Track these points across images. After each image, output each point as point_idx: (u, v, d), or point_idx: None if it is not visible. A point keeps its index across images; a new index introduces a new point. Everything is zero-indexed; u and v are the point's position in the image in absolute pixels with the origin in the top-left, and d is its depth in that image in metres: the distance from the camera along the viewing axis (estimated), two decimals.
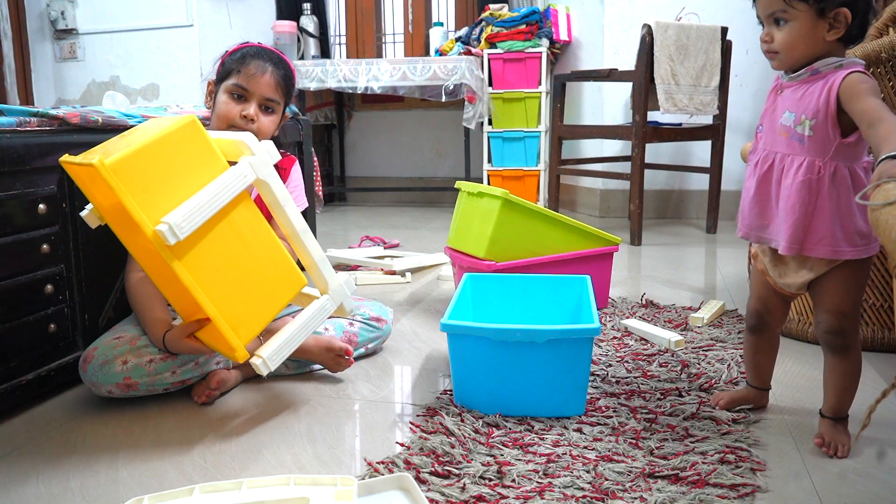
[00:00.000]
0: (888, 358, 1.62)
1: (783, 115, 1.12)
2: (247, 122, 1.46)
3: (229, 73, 1.48)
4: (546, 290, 1.61)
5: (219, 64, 1.53)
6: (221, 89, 1.49)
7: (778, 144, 1.13)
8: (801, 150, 1.11)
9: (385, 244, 3.00)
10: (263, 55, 1.50)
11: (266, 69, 1.48)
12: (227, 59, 1.51)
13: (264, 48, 1.52)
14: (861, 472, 1.11)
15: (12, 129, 1.36)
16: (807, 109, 1.09)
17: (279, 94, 1.51)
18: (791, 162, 1.11)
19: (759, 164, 1.16)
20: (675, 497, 1.03)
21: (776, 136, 1.14)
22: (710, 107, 2.99)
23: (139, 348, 1.35)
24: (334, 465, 1.17)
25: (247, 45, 1.52)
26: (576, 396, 1.31)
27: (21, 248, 1.35)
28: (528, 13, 3.63)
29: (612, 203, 3.72)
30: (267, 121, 1.50)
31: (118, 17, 4.06)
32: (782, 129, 1.12)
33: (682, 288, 2.28)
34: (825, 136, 1.08)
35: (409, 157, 4.59)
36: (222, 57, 1.53)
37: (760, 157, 1.16)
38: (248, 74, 1.46)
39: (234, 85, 1.46)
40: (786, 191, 1.12)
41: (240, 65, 1.47)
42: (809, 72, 1.10)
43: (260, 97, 1.48)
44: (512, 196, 1.83)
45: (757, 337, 1.29)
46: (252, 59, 1.47)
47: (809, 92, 1.09)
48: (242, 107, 1.47)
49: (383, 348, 1.71)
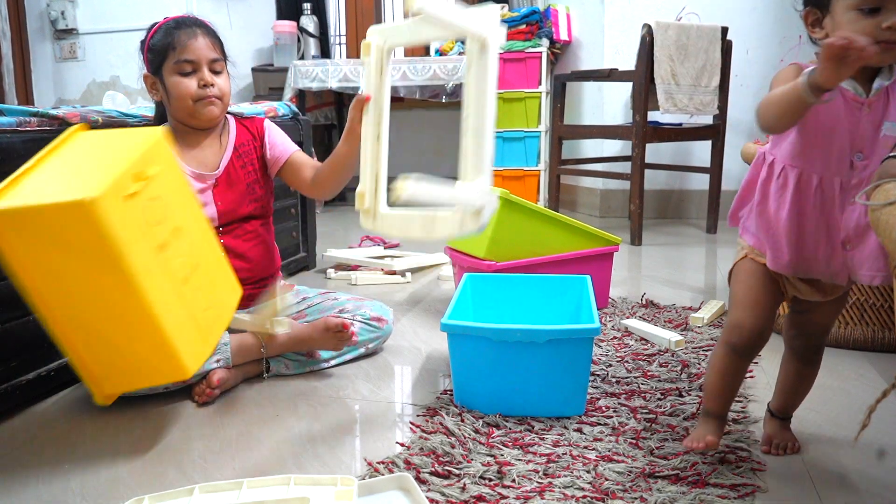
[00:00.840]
0: (888, 358, 1.62)
1: (885, 126, 0.98)
2: (207, 89, 1.48)
3: (164, 55, 1.47)
4: (546, 290, 1.60)
5: (143, 55, 1.51)
6: (166, 73, 1.48)
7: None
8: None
9: (385, 244, 3.00)
10: (184, 23, 1.49)
11: (196, 32, 1.48)
12: (152, 45, 1.49)
13: (176, 18, 1.51)
14: (861, 472, 1.11)
15: (12, 129, 1.36)
16: None
17: (219, 52, 1.52)
18: None
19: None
20: (675, 497, 1.03)
21: (882, 153, 0.96)
22: (711, 107, 2.99)
23: None
24: (334, 465, 1.17)
25: (158, 24, 1.51)
26: (576, 396, 1.31)
27: None
28: (528, 13, 3.63)
29: (612, 203, 3.72)
30: (222, 81, 1.52)
31: (118, 17, 4.06)
32: (886, 141, 0.98)
33: (682, 288, 2.28)
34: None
35: (409, 157, 4.59)
36: (144, 49, 1.51)
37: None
38: (183, 45, 1.46)
39: (178, 62, 1.46)
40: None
41: (170, 41, 1.46)
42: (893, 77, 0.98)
43: (206, 61, 1.48)
44: (512, 196, 1.83)
45: (745, 360, 1.11)
46: (177, 31, 1.47)
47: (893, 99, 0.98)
48: (196, 78, 1.47)
49: (384, 348, 1.71)
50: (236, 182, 1.58)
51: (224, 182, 1.56)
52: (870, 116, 0.98)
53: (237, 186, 1.58)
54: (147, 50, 1.50)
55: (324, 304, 1.67)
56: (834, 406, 1.37)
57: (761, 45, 3.35)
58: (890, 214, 0.84)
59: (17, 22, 4.07)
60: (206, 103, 1.50)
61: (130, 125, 1.62)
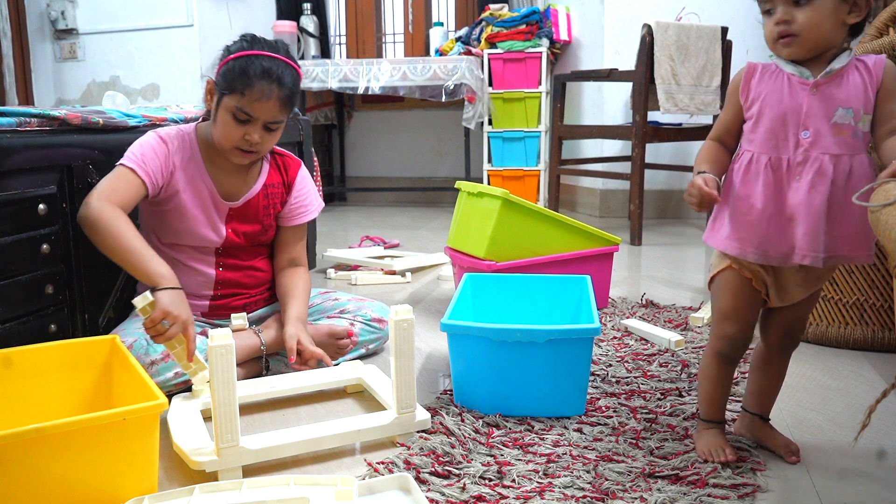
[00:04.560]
0: (888, 358, 1.62)
1: (836, 114, 1.02)
2: (249, 145, 1.42)
3: (232, 90, 1.38)
4: (546, 290, 1.60)
5: (220, 64, 1.42)
6: (223, 107, 1.40)
7: (838, 146, 1.02)
8: (861, 147, 1.02)
9: (385, 244, 3.00)
10: (270, 74, 1.38)
11: (272, 92, 1.38)
12: (232, 68, 1.39)
13: (270, 58, 1.39)
14: (861, 472, 1.11)
15: (12, 129, 1.36)
16: (864, 103, 1.01)
17: (284, 113, 1.43)
18: (860, 162, 1.02)
19: (821, 172, 1.02)
20: (675, 497, 1.03)
21: (834, 137, 1.02)
22: (712, 107, 2.99)
23: (140, 351, 1.35)
24: (334, 465, 1.17)
25: (252, 54, 1.39)
26: (576, 396, 1.31)
27: (21, 248, 1.35)
28: (528, 13, 3.63)
29: (612, 203, 3.72)
30: (270, 139, 1.45)
31: (118, 17, 4.06)
32: (841, 128, 1.02)
33: (682, 288, 2.28)
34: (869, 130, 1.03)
35: (409, 157, 4.59)
36: (225, 58, 1.41)
37: (821, 164, 1.02)
38: (252, 99, 1.37)
39: (238, 109, 1.38)
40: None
41: (245, 86, 1.37)
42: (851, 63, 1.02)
43: (264, 121, 1.41)
44: (512, 196, 1.83)
45: (732, 366, 1.16)
46: (258, 81, 1.37)
47: (853, 84, 1.02)
48: (245, 130, 1.40)
49: (384, 349, 1.71)
50: (252, 219, 1.55)
51: (239, 215, 1.53)
52: (818, 97, 1.03)
53: (252, 224, 1.55)
54: (224, 66, 1.40)
55: (324, 305, 1.67)
56: (834, 406, 1.37)
57: (761, 45, 3.32)
58: (890, 214, 0.84)
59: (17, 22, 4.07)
60: (240, 153, 1.44)
61: (130, 125, 1.62)
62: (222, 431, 1.09)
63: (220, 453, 1.09)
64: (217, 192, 1.49)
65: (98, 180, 1.52)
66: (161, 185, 1.43)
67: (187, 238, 1.49)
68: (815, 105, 1.03)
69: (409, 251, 2.84)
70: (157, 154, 1.42)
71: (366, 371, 1.47)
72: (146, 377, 1.09)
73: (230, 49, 1.43)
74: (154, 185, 1.41)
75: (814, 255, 1.03)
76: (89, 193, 1.33)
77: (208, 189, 1.48)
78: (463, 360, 1.33)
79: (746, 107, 1.09)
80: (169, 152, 1.44)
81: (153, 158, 1.41)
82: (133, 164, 1.38)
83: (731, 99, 1.12)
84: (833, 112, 1.02)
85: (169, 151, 1.44)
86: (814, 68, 1.04)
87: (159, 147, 1.43)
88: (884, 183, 0.90)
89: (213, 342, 1.06)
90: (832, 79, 1.02)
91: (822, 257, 1.03)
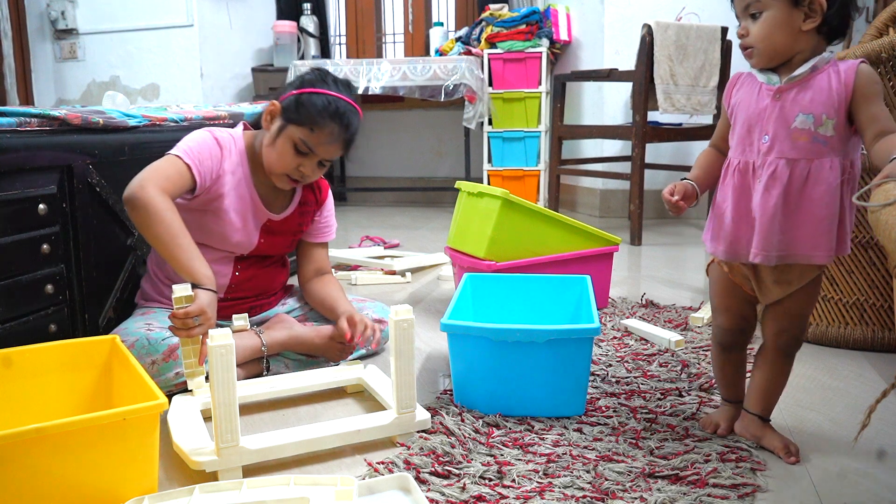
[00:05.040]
0: (888, 358, 1.62)
1: (797, 119, 1.05)
2: (300, 175, 1.47)
3: (301, 123, 1.42)
4: (546, 290, 1.61)
5: (292, 93, 1.45)
6: (286, 135, 1.43)
7: (796, 150, 1.05)
8: (825, 151, 1.04)
9: (385, 244, 3.00)
10: (342, 118, 1.43)
11: (339, 137, 1.44)
12: (306, 102, 1.42)
13: (344, 102, 1.44)
14: (861, 472, 1.11)
15: (12, 129, 1.36)
16: (827, 108, 1.04)
17: (341, 153, 1.50)
18: (819, 167, 1.04)
19: (775, 176, 1.06)
20: (675, 497, 1.03)
21: (792, 142, 1.05)
22: (709, 107, 2.99)
23: (142, 350, 1.35)
24: (334, 465, 1.17)
25: (329, 94, 1.43)
26: (576, 396, 1.31)
27: (21, 248, 1.35)
28: (528, 13, 3.63)
29: (612, 203, 3.72)
30: (319, 172, 1.50)
31: (118, 17, 4.06)
32: (800, 133, 1.05)
33: (682, 288, 2.28)
34: (845, 134, 1.04)
35: (409, 157, 4.59)
36: (299, 88, 1.44)
37: (776, 168, 1.06)
38: (319, 138, 1.42)
39: (302, 142, 1.42)
40: (819, 198, 1.04)
41: (315, 123, 1.41)
42: (811, 69, 1.05)
43: (322, 158, 1.47)
44: (512, 196, 1.83)
45: (736, 353, 1.23)
46: (329, 123, 1.42)
47: (819, 90, 1.04)
48: (301, 161, 1.45)
49: (384, 349, 1.71)
50: (286, 233, 1.60)
51: (275, 227, 1.57)
52: (780, 102, 1.07)
53: (284, 236, 1.60)
54: (296, 96, 1.44)
55: None
56: (834, 406, 1.37)
57: None
58: (890, 214, 0.84)
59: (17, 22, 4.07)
60: (287, 180, 1.48)
61: (130, 125, 1.63)
62: (222, 431, 1.09)
63: (219, 453, 1.09)
64: (261, 203, 1.53)
65: (98, 180, 1.53)
66: (207, 187, 1.44)
67: (217, 241, 1.50)
68: (776, 110, 1.07)
69: (409, 251, 2.84)
70: (212, 155, 1.44)
71: (366, 371, 1.47)
72: (146, 377, 1.10)
73: (304, 80, 1.46)
74: (202, 186, 1.42)
75: (764, 254, 1.08)
76: (141, 176, 1.32)
77: (251, 198, 1.51)
78: (463, 360, 1.33)
79: (729, 114, 1.16)
80: (222, 156, 1.46)
81: (208, 158, 1.43)
82: (189, 160, 1.39)
83: (723, 106, 1.18)
84: (794, 117, 1.06)
85: (222, 155, 1.46)
86: (783, 75, 1.08)
87: (214, 148, 1.45)
88: (882, 183, 0.90)
89: (212, 342, 1.06)
90: (795, 85, 1.07)
91: (774, 256, 1.08)
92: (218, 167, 1.45)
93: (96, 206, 1.54)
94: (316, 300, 1.62)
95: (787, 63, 1.07)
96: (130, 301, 1.61)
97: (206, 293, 1.27)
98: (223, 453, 1.09)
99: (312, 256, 1.68)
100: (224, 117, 1.98)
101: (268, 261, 1.62)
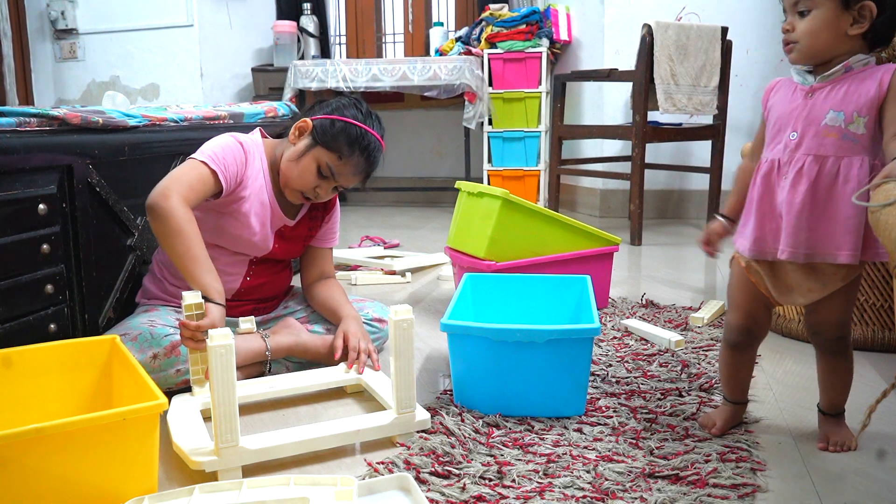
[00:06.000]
0: (888, 358, 1.62)
1: (828, 116, 1.05)
2: (315, 195, 1.50)
3: (330, 147, 1.45)
4: (546, 290, 1.60)
5: (328, 115, 1.47)
6: (313, 155, 1.45)
7: (824, 147, 1.05)
8: (855, 149, 1.04)
9: (385, 244, 3.00)
10: (371, 154, 1.47)
11: (363, 170, 1.49)
12: (341, 131, 1.45)
13: (376, 139, 1.48)
14: (861, 472, 1.11)
15: (12, 129, 1.36)
16: (859, 107, 1.04)
17: (357, 184, 1.53)
18: (849, 164, 1.04)
19: (802, 172, 1.06)
20: (675, 497, 1.03)
21: (822, 139, 1.06)
22: (710, 107, 2.99)
23: (144, 343, 1.36)
24: (334, 465, 1.17)
25: (365, 129, 1.47)
26: (576, 396, 1.31)
27: (21, 248, 1.35)
28: (528, 13, 3.63)
29: (612, 203, 3.72)
30: (331, 195, 1.54)
31: (118, 17, 4.06)
32: (829, 130, 1.05)
33: (682, 288, 2.28)
34: (875, 133, 1.04)
35: (409, 157, 4.59)
36: (335, 114, 1.47)
37: (804, 164, 1.06)
38: (345, 167, 1.46)
39: (328, 166, 1.45)
40: (848, 196, 1.04)
41: (344, 151, 1.45)
42: (844, 69, 1.05)
43: (341, 184, 1.50)
44: (512, 196, 1.83)
45: (741, 353, 1.23)
46: (358, 155, 1.46)
47: (853, 89, 1.04)
48: (320, 183, 1.47)
49: (384, 349, 1.71)
50: (297, 239, 1.63)
51: (288, 232, 1.60)
52: (812, 100, 1.08)
53: (295, 242, 1.63)
54: (331, 121, 1.46)
55: None
56: None
57: (761, 45, 3.35)
58: (890, 214, 0.84)
59: (17, 22, 4.07)
60: (300, 196, 1.51)
61: (130, 125, 1.62)
62: (222, 431, 1.09)
63: (219, 453, 1.09)
64: (279, 209, 1.55)
65: (98, 180, 1.53)
66: (231, 190, 1.45)
67: (232, 243, 1.51)
68: (806, 108, 1.08)
69: (409, 251, 2.84)
70: (237, 160, 1.45)
71: (366, 371, 1.47)
72: (146, 377, 1.10)
73: (343, 109, 1.48)
74: (228, 190, 1.44)
75: (791, 250, 1.08)
76: (165, 184, 1.33)
77: (271, 203, 1.53)
78: (463, 360, 1.33)
79: (766, 118, 1.16)
80: (246, 161, 1.48)
81: (232, 164, 1.44)
82: (215, 165, 1.40)
83: (762, 113, 1.19)
84: (824, 114, 1.06)
85: (247, 160, 1.48)
86: (819, 75, 1.08)
87: (239, 153, 1.46)
88: (883, 183, 0.90)
89: (212, 342, 1.06)
90: (828, 83, 1.07)
91: (801, 253, 1.08)
92: (242, 171, 1.46)
93: (96, 206, 1.54)
94: (319, 303, 1.63)
95: (824, 64, 1.08)
96: (130, 301, 1.61)
97: (217, 308, 1.28)
98: (223, 453, 1.09)
99: (316, 260, 1.70)
100: (224, 117, 1.97)
101: (279, 265, 1.64)
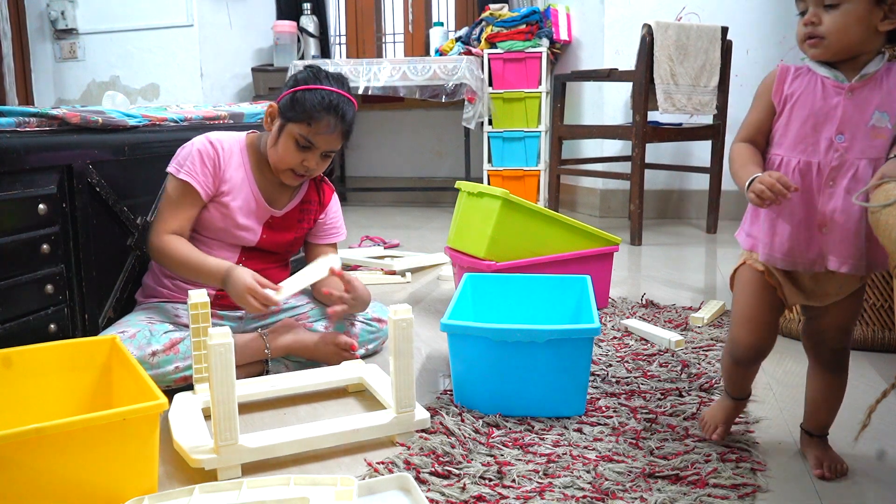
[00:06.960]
0: (888, 358, 1.62)
1: (873, 117, 1.00)
2: (305, 169, 1.51)
3: (299, 119, 1.46)
4: (546, 290, 1.60)
5: (287, 93, 1.49)
6: (286, 132, 1.48)
7: (875, 150, 1.00)
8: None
9: (385, 244, 3.00)
10: (336, 109, 1.47)
11: (336, 126, 1.48)
12: (301, 99, 1.46)
13: (337, 94, 1.48)
14: (861, 472, 1.11)
15: (12, 129, 1.36)
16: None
17: (341, 144, 1.54)
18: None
19: (857, 177, 1.00)
20: (675, 497, 1.03)
21: (871, 141, 1.00)
22: (709, 107, 2.99)
23: (143, 340, 1.36)
24: (334, 464, 1.17)
25: (320, 89, 1.47)
26: (576, 396, 1.31)
27: (21, 248, 1.35)
28: (528, 13, 3.63)
29: (612, 203, 3.72)
30: (323, 164, 1.54)
31: (118, 17, 4.06)
32: (878, 131, 1.00)
33: (682, 288, 2.28)
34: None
35: (409, 157, 4.59)
36: (292, 88, 1.48)
37: (858, 169, 1.00)
38: (317, 130, 1.47)
39: (302, 136, 1.47)
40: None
41: (311, 118, 1.46)
42: (885, 67, 1.00)
43: (323, 150, 1.50)
44: (512, 196, 1.83)
45: (747, 368, 1.15)
46: (325, 116, 1.46)
47: (886, 88, 1.00)
48: (304, 156, 1.49)
49: (384, 348, 1.71)
50: (287, 230, 1.63)
51: (277, 224, 1.61)
52: (853, 100, 1.01)
53: (285, 234, 1.63)
54: (291, 95, 1.48)
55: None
56: None
57: (761, 45, 3.35)
58: (890, 214, 0.84)
59: (17, 22, 4.07)
60: (293, 175, 1.53)
61: (130, 125, 1.62)
62: (221, 430, 1.09)
63: (218, 451, 1.09)
64: (263, 199, 1.56)
65: (98, 180, 1.53)
66: (214, 190, 1.51)
67: (222, 235, 1.55)
68: (850, 109, 1.01)
69: (409, 251, 2.84)
70: (207, 161, 1.50)
71: (366, 370, 1.47)
72: (146, 377, 1.10)
73: (297, 79, 1.51)
74: (208, 194, 1.50)
75: (852, 262, 1.01)
76: (154, 225, 1.50)
77: (254, 195, 1.56)
78: (463, 360, 1.33)
79: (779, 108, 1.07)
80: (220, 157, 1.51)
81: (203, 167, 1.49)
82: (186, 176, 1.48)
83: (762, 99, 1.09)
84: (870, 116, 1.00)
85: (220, 157, 1.51)
86: (847, 72, 1.02)
87: (209, 152, 1.51)
88: (883, 183, 0.90)
89: (211, 340, 1.06)
90: (867, 83, 1.01)
91: (863, 265, 1.01)
92: (216, 168, 1.51)
93: (96, 206, 1.54)
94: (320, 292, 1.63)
95: (848, 60, 1.01)
96: (130, 301, 1.61)
97: (243, 270, 1.40)
98: (222, 451, 1.09)
99: (319, 256, 1.68)
100: (224, 117, 1.97)
101: (271, 258, 1.63)
